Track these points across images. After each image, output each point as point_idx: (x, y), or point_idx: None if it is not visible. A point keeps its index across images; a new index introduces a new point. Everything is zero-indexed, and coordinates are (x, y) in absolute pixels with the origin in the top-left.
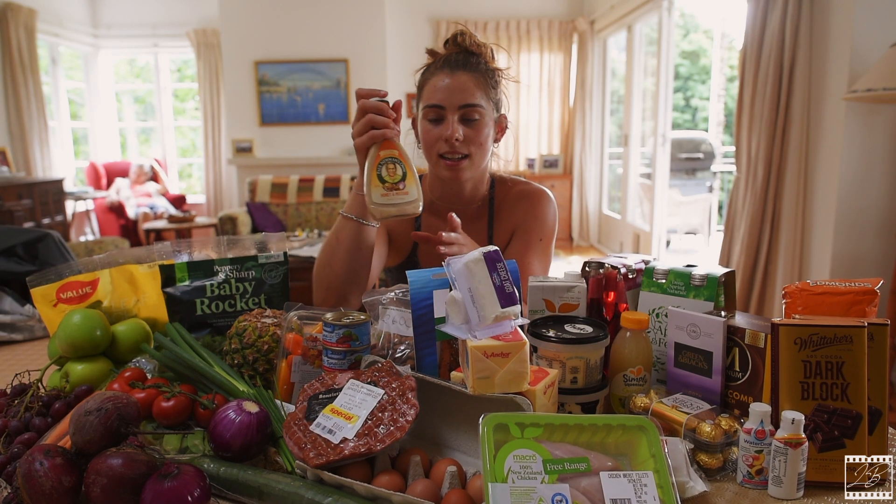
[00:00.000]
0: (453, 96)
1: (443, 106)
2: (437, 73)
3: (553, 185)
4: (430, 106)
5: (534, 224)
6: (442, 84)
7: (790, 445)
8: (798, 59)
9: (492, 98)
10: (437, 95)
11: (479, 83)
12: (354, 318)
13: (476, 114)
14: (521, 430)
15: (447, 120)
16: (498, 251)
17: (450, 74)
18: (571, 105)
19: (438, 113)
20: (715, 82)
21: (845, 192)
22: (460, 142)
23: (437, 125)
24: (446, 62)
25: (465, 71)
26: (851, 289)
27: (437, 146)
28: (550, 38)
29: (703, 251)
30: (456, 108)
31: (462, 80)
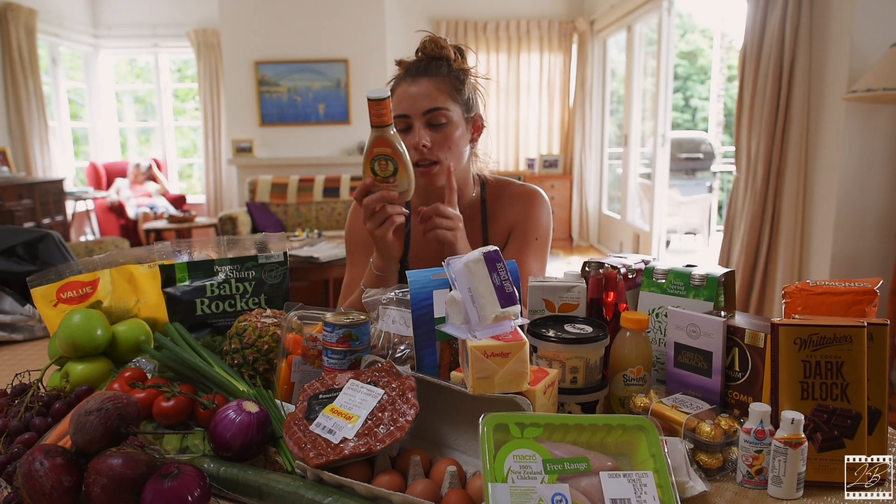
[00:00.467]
0: (416, 103)
1: (408, 115)
2: (401, 83)
3: (553, 185)
4: (397, 116)
5: (529, 224)
6: (406, 93)
7: (790, 445)
8: (798, 59)
9: (459, 100)
10: (402, 105)
11: (441, 87)
12: (354, 318)
13: (442, 117)
14: (520, 429)
15: (414, 128)
16: (497, 251)
17: (412, 82)
18: (571, 105)
19: (406, 122)
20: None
21: (845, 192)
22: (428, 148)
23: (406, 134)
24: (408, 71)
25: (426, 77)
26: (851, 289)
27: (409, 155)
28: (550, 39)
29: (702, 251)
30: (420, 114)
31: (424, 86)
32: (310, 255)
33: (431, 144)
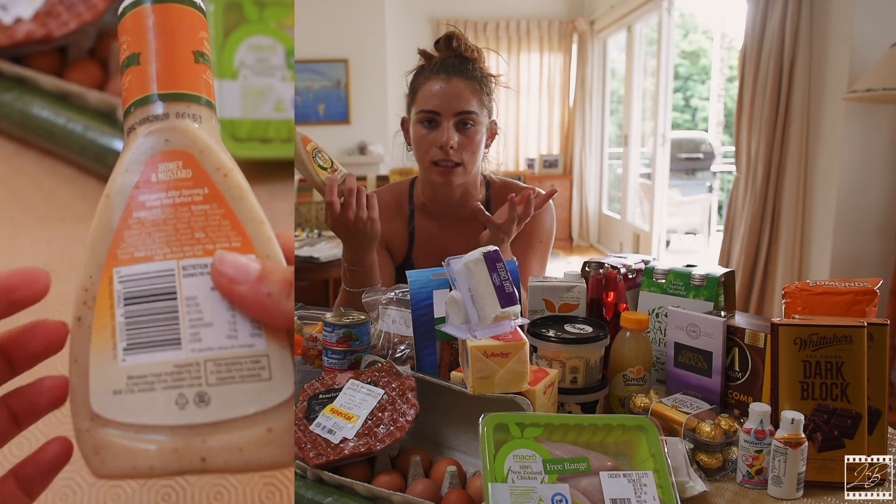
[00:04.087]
0: (449, 103)
1: (438, 112)
2: (432, 77)
3: (553, 185)
4: (424, 111)
5: (534, 227)
6: (437, 89)
7: (790, 445)
8: (798, 60)
9: (485, 104)
10: (432, 101)
11: (474, 90)
12: (354, 318)
13: (471, 120)
14: (520, 429)
15: (442, 126)
16: (498, 251)
17: (446, 80)
18: (571, 105)
19: (433, 118)
20: (715, 82)
21: (845, 192)
22: (454, 149)
23: (432, 131)
24: (442, 67)
25: (461, 77)
26: (851, 289)
27: (430, 153)
28: (550, 39)
29: (702, 251)
30: (452, 114)
31: (458, 87)
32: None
33: (457, 146)
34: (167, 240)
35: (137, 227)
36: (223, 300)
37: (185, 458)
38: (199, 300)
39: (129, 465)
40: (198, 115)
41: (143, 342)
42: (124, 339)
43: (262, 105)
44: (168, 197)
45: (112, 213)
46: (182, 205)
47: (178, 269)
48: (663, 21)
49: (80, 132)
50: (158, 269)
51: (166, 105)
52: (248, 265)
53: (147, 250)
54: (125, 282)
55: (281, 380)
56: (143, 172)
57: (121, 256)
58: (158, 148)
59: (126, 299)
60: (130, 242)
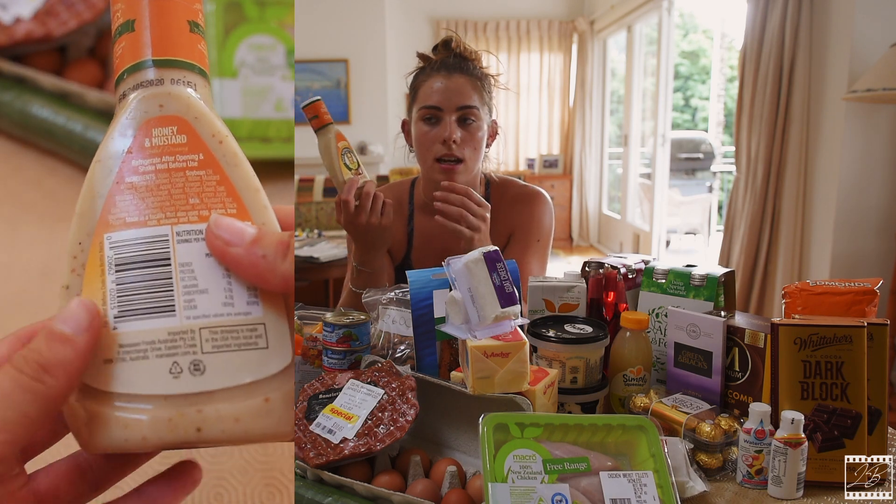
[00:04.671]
0: (451, 98)
1: (440, 107)
2: (433, 75)
3: (553, 185)
4: (426, 107)
5: (531, 225)
6: (438, 85)
7: (790, 445)
8: (798, 59)
9: (486, 102)
10: (434, 97)
11: (475, 86)
12: (354, 318)
13: (472, 116)
14: (520, 429)
15: (444, 121)
16: (498, 251)
17: (447, 76)
18: (571, 105)
19: (435, 114)
20: (715, 82)
21: (845, 192)
22: (457, 144)
23: (434, 127)
24: (443, 65)
25: (461, 73)
26: (851, 289)
27: (433, 149)
28: (550, 39)
29: (702, 251)
30: (454, 109)
31: (459, 83)
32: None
33: (460, 141)
34: (161, 205)
35: (130, 193)
36: (219, 267)
37: (180, 427)
38: (194, 266)
39: (121, 436)
40: (193, 83)
41: (136, 309)
42: (115, 307)
43: (262, 104)
44: (162, 162)
45: (103, 178)
46: (176, 170)
47: (172, 235)
48: (663, 21)
49: (80, 132)
50: (152, 235)
51: (161, 71)
52: (243, 228)
53: (140, 216)
54: (116, 247)
55: (278, 348)
56: (137, 137)
57: (112, 222)
58: (152, 113)
59: (117, 265)
60: (122, 208)
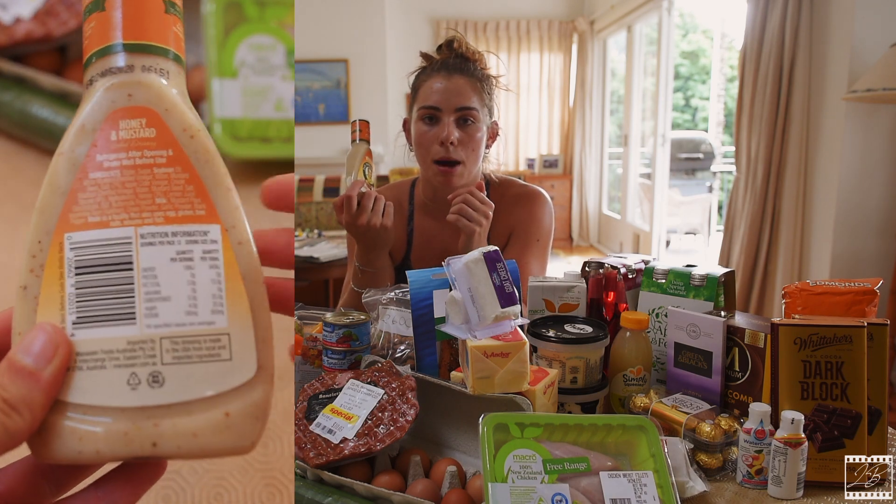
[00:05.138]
0: (450, 98)
1: (439, 107)
2: (433, 75)
3: (553, 185)
4: (425, 107)
5: (531, 225)
6: (438, 86)
7: (790, 445)
8: (798, 59)
9: (486, 103)
10: (433, 97)
11: (475, 87)
12: (354, 318)
13: (471, 117)
14: (520, 429)
15: (443, 122)
16: (498, 251)
17: (447, 77)
18: (571, 105)
19: (434, 114)
20: (715, 82)
21: (845, 192)
22: (455, 145)
23: (433, 127)
24: (443, 65)
25: (461, 75)
26: (851, 289)
27: (432, 150)
28: (550, 39)
29: (702, 251)
30: (452, 110)
31: (459, 83)
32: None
33: (458, 142)
34: (125, 204)
35: (93, 190)
36: (183, 273)
37: (135, 442)
38: (158, 272)
39: (74, 448)
40: (165, 70)
41: (95, 315)
42: (74, 312)
43: (262, 104)
44: (128, 158)
45: (66, 172)
46: (143, 167)
47: (135, 237)
48: (663, 21)
49: None
50: (114, 237)
51: (131, 57)
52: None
53: (102, 215)
54: (77, 248)
55: (242, 360)
56: (102, 130)
57: (73, 221)
58: (120, 103)
59: (77, 268)
60: (84, 206)
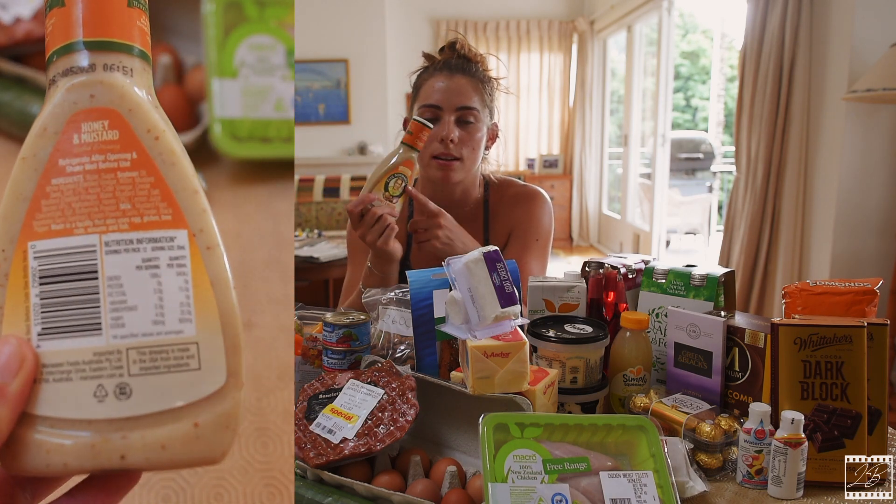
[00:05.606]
0: (451, 98)
1: (440, 106)
2: (435, 74)
3: (553, 185)
4: (426, 106)
5: (531, 225)
6: (440, 85)
7: (790, 445)
8: (798, 59)
9: (487, 104)
10: (434, 96)
11: (476, 87)
12: (354, 318)
13: (472, 116)
14: (520, 429)
15: (443, 120)
16: (498, 251)
17: (448, 77)
18: (571, 105)
19: (434, 113)
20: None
21: (845, 192)
22: (455, 143)
23: (433, 125)
24: (445, 65)
25: (463, 75)
26: (851, 289)
27: (431, 147)
28: (550, 39)
29: (702, 251)
30: (453, 109)
31: (460, 83)
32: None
33: (458, 141)
34: (89, 211)
35: (56, 196)
36: (149, 281)
37: (103, 454)
38: (123, 280)
39: (42, 461)
40: (129, 68)
41: (60, 327)
42: (39, 323)
43: (262, 104)
44: (91, 162)
45: (27, 178)
46: (107, 171)
47: (100, 245)
48: (663, 21)
49: None
50: (78, 245)
51: (93, 55)
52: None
53: (66, 222)
54: (41, 258)
55: (211, 369)
56: (64, 132)
57: (37, 228)
58: (82, 104)
59: (42, 278)
60: (48, 213)
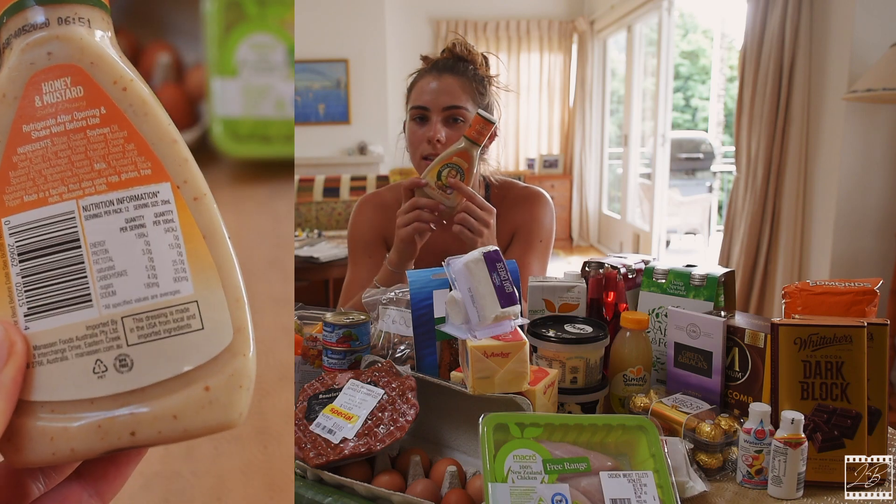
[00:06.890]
0: (438, 98)
1: (427, 107)
2: (425, 76)
3: (553, 185)
4: (415, 107)
5: (534, 226)
6: (428, 87)
7: (790, 445)
8: (798, 59)
9: (479, 103)
10: (422, 97)
11: (465, 87)
12: (354, 318)
13: (460, 116)
14: (520, 429)
15: (430, 121)
16: (498, 251)
17: (437, 77)
18: (571, 105)
19: (423, 114)
20: (715, 82)
21: (845, 192)
22: (442, 143)
23: (422, 126)
24: (434, 66)
25: (451, 74)
26: (851, 289)
27: (420, 148)
28: (550, 39)
29: (702, 251)
30: (440, 109)
31: (448, 83)
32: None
33: (445, 140)
34: (62, 176)
35: (25, 165)
36: (136, 241)
37: (111, 434)
38: (108, 245)
39: (47, 450)
40: (86, 19)
41: (48, 304)
42: (25, 304)
43: (262, 103)
44: (57, 123)
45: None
46: (75, 131)
47: (78, 211)
48: (663, 21)
49: None
50: (55, 214)
51: (46, 10)
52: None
53: (39, 192)
54: (17, 233)
55: (215, 328)
56: (25, 96)
57: (9, 203)
58: (40, 64)
59: (21, 254)
60: (18, 184)
